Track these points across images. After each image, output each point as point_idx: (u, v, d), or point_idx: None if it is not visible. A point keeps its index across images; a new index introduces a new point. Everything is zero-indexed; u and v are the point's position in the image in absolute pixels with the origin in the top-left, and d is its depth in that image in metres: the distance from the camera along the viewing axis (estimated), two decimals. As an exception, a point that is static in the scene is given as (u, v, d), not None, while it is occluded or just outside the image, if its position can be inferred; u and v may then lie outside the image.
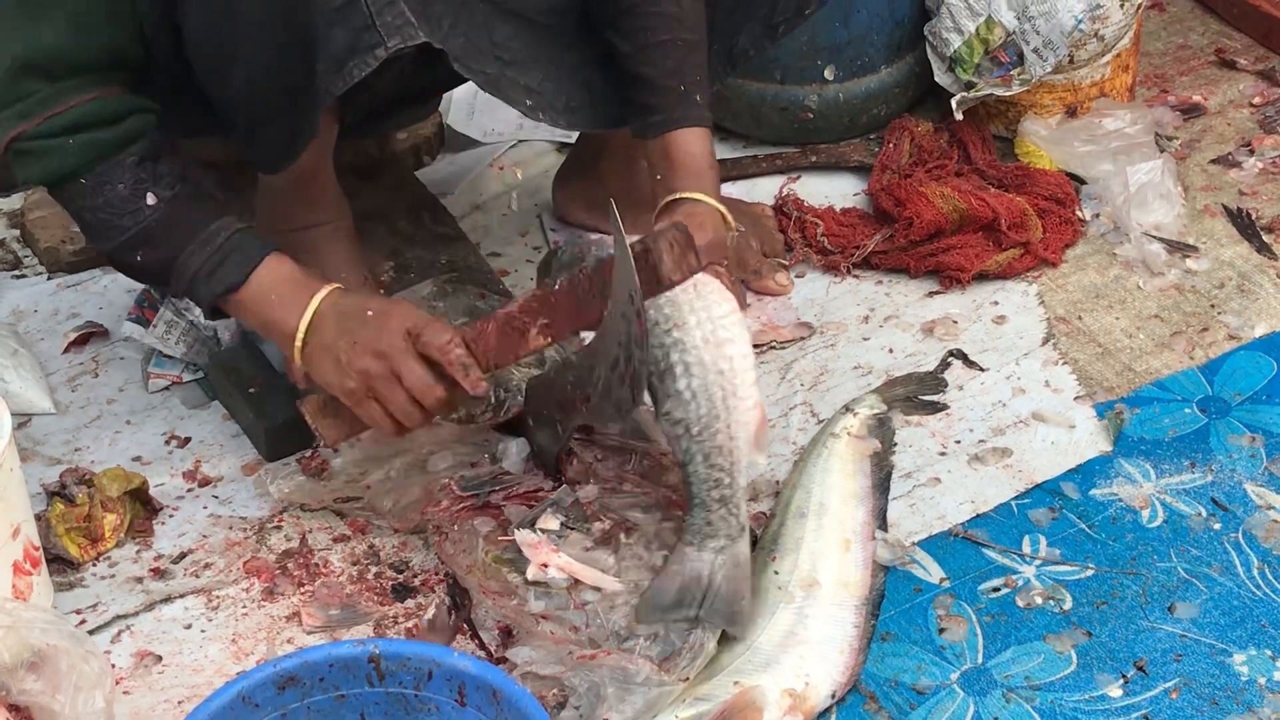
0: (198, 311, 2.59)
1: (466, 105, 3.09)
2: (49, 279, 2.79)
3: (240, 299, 2.18)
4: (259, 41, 2.10)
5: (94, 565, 2.28)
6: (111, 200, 2.14)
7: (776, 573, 2.16)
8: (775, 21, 2.53)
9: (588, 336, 2.15)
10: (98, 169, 2.13)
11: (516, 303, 2.11)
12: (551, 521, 2.13)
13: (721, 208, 2.30)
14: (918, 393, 2.51)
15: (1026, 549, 2.25)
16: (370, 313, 2.13)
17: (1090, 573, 2.21)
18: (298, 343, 2.15)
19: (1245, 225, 2.82)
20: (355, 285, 2.49)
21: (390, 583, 2.23)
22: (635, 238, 1.99)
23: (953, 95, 2.93)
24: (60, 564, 2.26)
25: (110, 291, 2.74)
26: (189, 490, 2.39)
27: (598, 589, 2.05)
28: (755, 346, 2.58)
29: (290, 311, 2.16)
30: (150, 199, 2.15)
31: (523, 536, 2.09)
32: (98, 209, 2.15)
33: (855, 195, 2.92)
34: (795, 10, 2.53)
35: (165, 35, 2.16)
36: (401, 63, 2.13)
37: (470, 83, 2.33)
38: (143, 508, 2.34)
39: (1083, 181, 2.89)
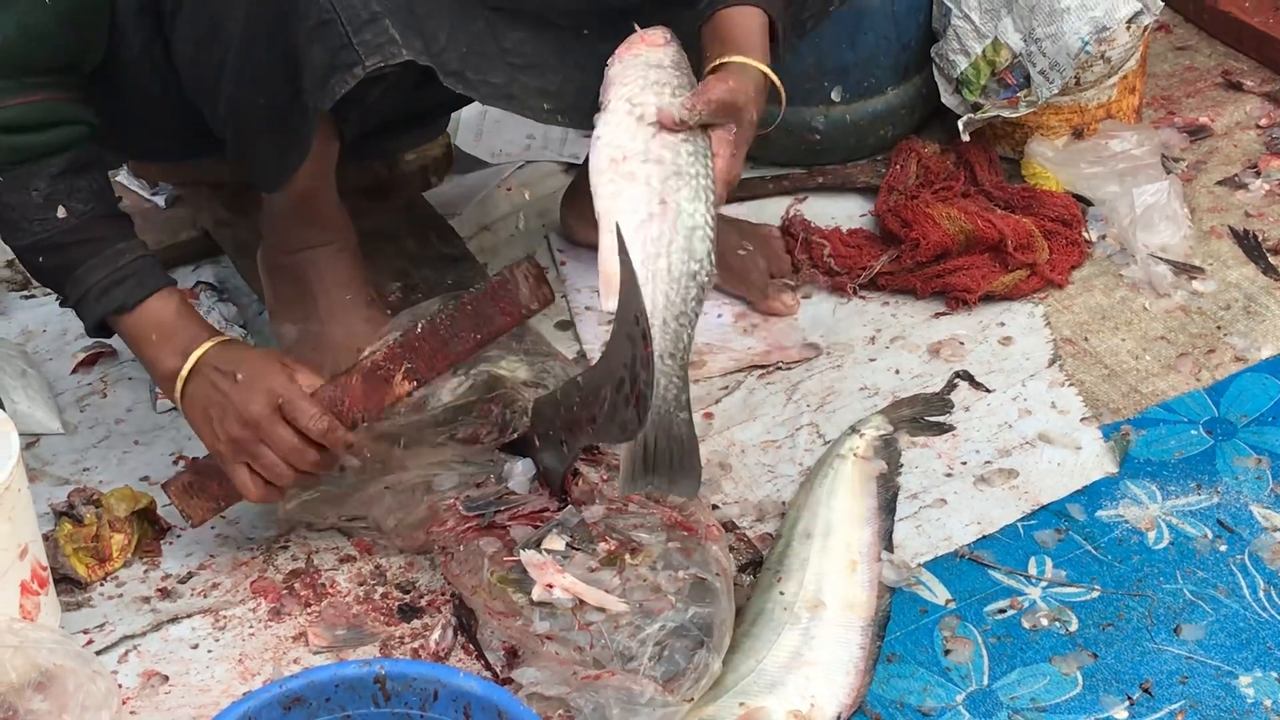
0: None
1: (475, 126, 3.10)
2: (57, 299, 2.79)
3: (125, 324, 2.20)
4: (245, 59, 2.11)
5: (101, 585, 2.28)
6: (25, 203, 2.14)
7: (782, 593, 2.16)
8: (803, 17, 2.50)
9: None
10: (16, 171, 2.13)
11: (380, 351, 2.18)
12: (557, 542, 2.13)
13: (764, 68, 2.19)
14: (924, 414, 2.51)
15: (1032, 570, 2.25)
16: (240, 376, 2.15)
17: (1096, 594, 2.21)
18: (177, 390, 2.18)
19: (1252, 247, 2.82)
20: (359, 306, 2.49)
21: (397, 603, 2.24)
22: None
23: (959, 117, 2.93)
24: (68, 584, 2.26)
25: (119, 312, 2.74)
26: (196, 510, 2.40)
27: (602, 610, 2.04)
28: (761, 367, 2.61)
29: (168, 354, 2.19)
30: (61, 212, 2.15)
31: (528, 557, 2.09)
32: (10, 206, 2.15)
33: (862, 216, 2.93)
34: (822, 6, 2.49)
35: (157, 53, 2.16)
36: (393, 80, 2.12)
37: (478, 103, 2.32)
38: (150, 528, 2.34)
39: (1089, 203, 2.89)
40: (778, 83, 2.21)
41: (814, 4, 2.48)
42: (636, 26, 2.22)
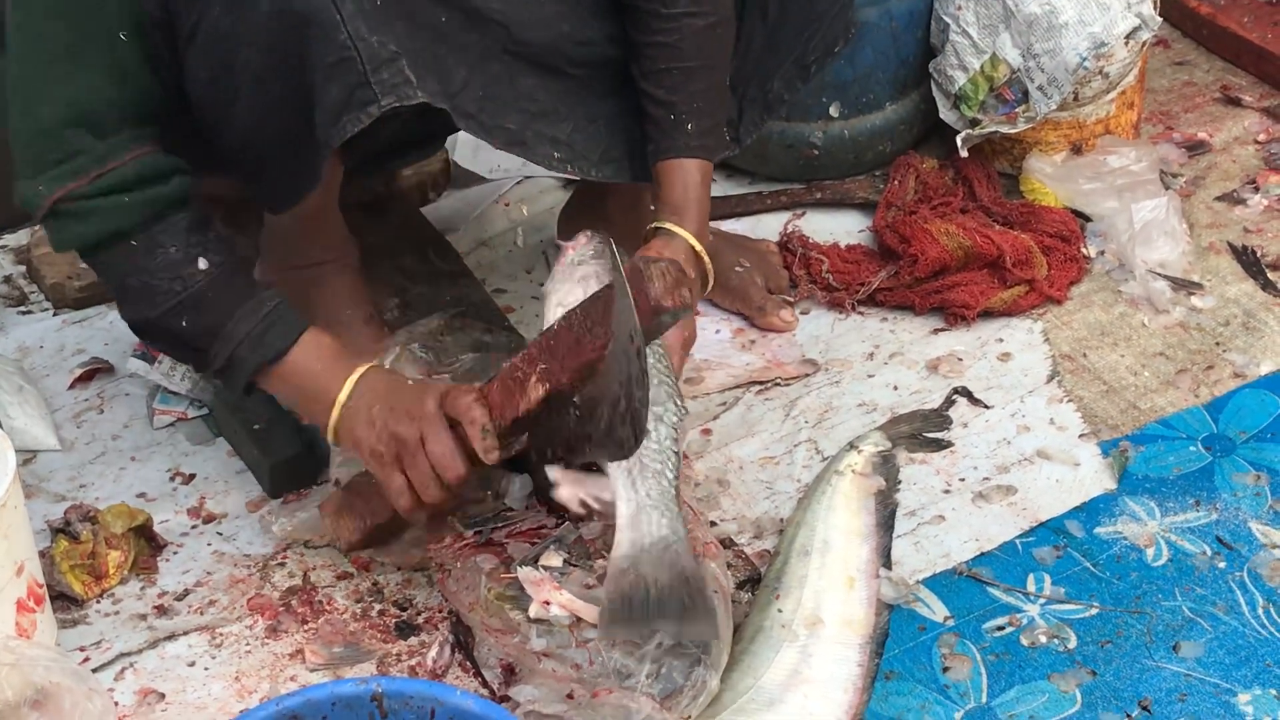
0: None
1: (473, 142, 3.10)
2: (55, 315, 2.80)
3: (283, 367, 2.17)
4: (259, 93, 2.10)
5: (98, 602, 2.28)
6: (162, 263, 2.12)
7: (780, 611, 2.16)
8: (807, 61, 2.53)
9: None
10: (152, 229, 2.12)
11: (520, 355, 2.11)
12: (554, 558, 2.12)
13: (689, 238, 2.27)
14: (922, 430, 2.51)
15: (1031, 587, 2.25)
16: (410, 383, 2.15)
17: (1095, 611, 2.21)
18: (336, 410, 2.14)
19: (1250, 262, 2.82)
20: (358, 322, 2.49)
21: (394, 620, 2.23)
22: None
23: (958, 132, 2.93)
24: (64, 601, 2.26)
25: (116, 327, 2.74)
26: (193, 527, 2.39)
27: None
28: (760, 383, 2.61)
29: (332, 380, 2.15)
30: (202, 264, 2.13)
31: (525, 574, 2.09)
32: (145, 272, 2.12)
33: (860, 232, 2.93)
34: (825, 48, 2.53)
35: (166, 74, 2.16)
36: (405, 113, 2.13)
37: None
38: (147, 544, 2.34)
39: (1088, 219, 2.89)
40: (697, 247, 2.28)
41: (817, 49, 2.51)
42: (560, 244, 2.30)
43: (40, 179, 2.09)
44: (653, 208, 2.33)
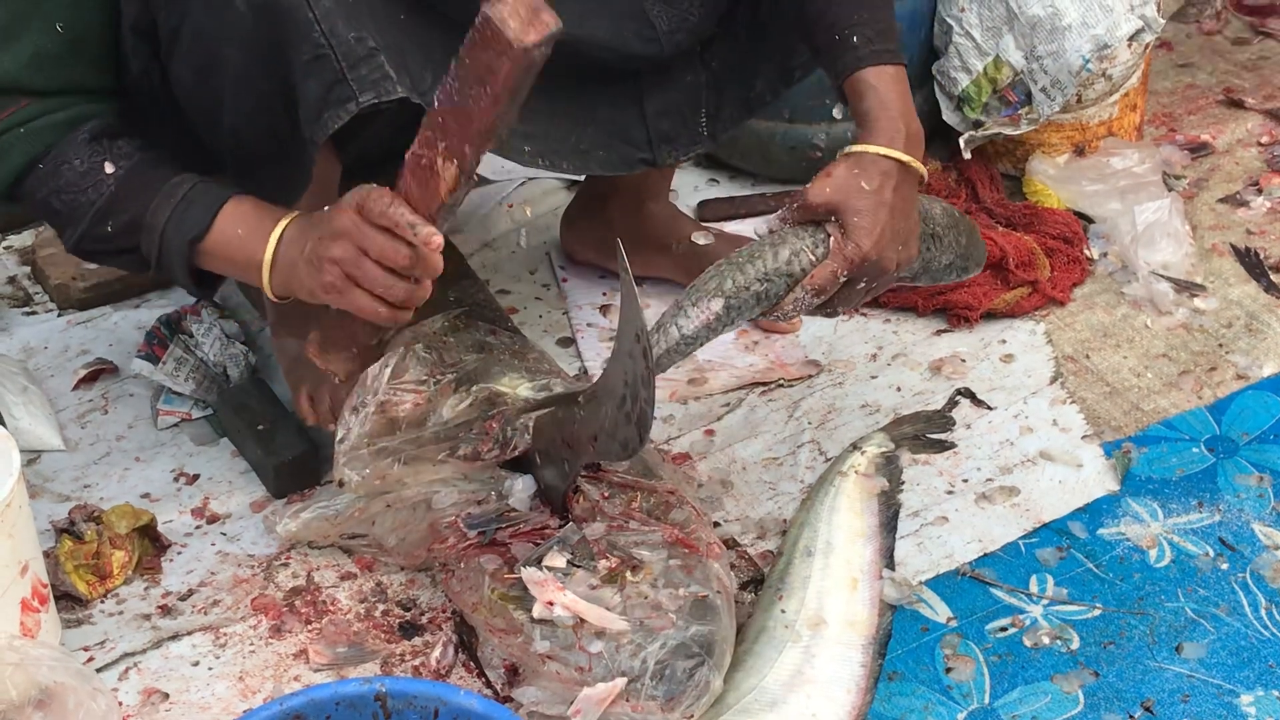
0: (208, 348, 2.60)
1: (476, 143, 3.10)
2: (59, 315, 2.80)
3: (209, 244, 2.14)
4: (242, 91, 2.11)
5: (102, 602, 2.28)
6: (71, 179, 2.13)
7: (783, 611, 2.16)
8: (792, 65, 2.51)
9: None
10: (53, 151, 2.12)
11: (415, 142, 2.01)
12: (558, 559, 2.12)
13: (880, 150, 2.14)
14: (925, 431, 2.51)
15: (1034, 588, 2.25)
16: (324, 210, 2.08)
17: (1098, 612, 2.21)
18: (266, 269, 2.12)
19: (1253, 264, 2.82)
20: (363, 323, 2.49)
21: (398, 620, 2.23)
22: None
23: (961, 134, 2.94)
24: (68, 601, 2.26)
25: (120, 328, 2.75)
26: (197, 527, 2.40)
27: (602, 633, 2.04)
28: (763, 384, 2.61)
29: (258, 241, 2.13)
30: (108, 167, 2.13)
31: (529, 574, 2.09)
32: (61, 191, 2.13)
33: (863, 233, 2.92)
34: (811, 56, 2.52)
35: (154, 77, 2.16)
36: (395, 110, 2.12)
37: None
38: (151, 544, 2.34)
39: (1091, 220, 2.89)
40: (901, 157, 2.15)
41: (803, 54, 2.47)
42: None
43: None
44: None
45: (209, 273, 2.20)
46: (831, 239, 2.14)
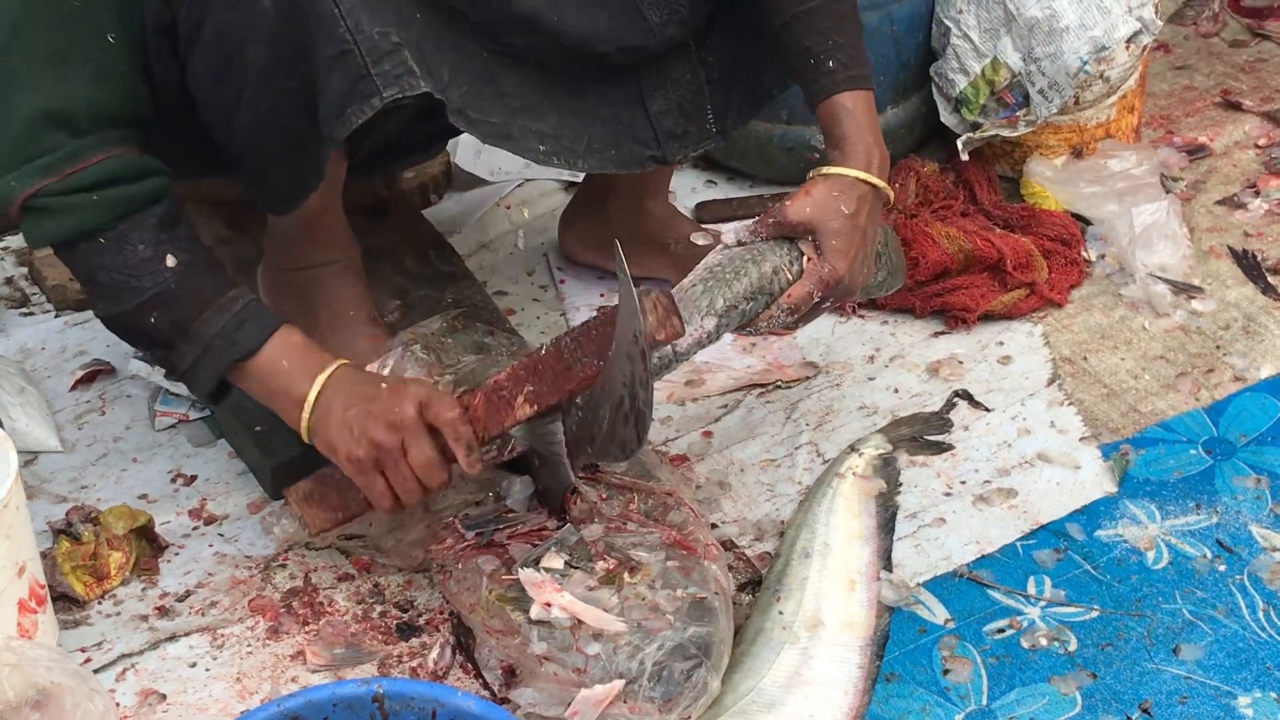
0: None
1: (474, 144, 3.11)
2: (56, 316, 2.80)
3: (253, 365, 2.14)
4: (263, 89, 2.11)
5: (99, 603, 2.28)
6: (131, 260, 2.10)
7: (781, 613, 2.16)
8: (765, 80, 2.51)
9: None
10: (120, 227, 2.09)
11: (504, 370, 2.13)
12: (555, 560, 2.12)
13: (849, 172, 2.20)
14: (923, 433, 2.51)
15: (1031, 590, 2.25)
16: (384, 385, 2.12)
17: (1095, 614, 2.21)
18: (306, 410, 2.13)
19: (1251, 266, 2.82)
20: (360, 324, 2.49)
21: (395, 621, 2.23)
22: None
23: (958, 136, 2.94)
24: (66, 602, 2.26)
25: (118, 329, 2.74)
26: (195, 528, 2.40)
27: (600, 631, 2.04)
28: (761, 386, 2.61)
29: (301, 378, 2.14)
30: (170, 260, 2.11)
31: (527, 575, 2.09)
32: (115, 269, 2.10)
33: (861, 235, 2.92)
34: (780, 77, 2.49)
35: (170, 76, 2.16)
36: (411, 108, 2.13)
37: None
38: (148, 545, 2.34)
39: (1088, 222, 2.89)
40: (870, 178, 2.21)
41: (774, 73, 2.46)
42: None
43: (13, 175, 2.07)
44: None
45: (225, 387, 2.20)
46: (806, 258, 2.19)
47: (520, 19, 2.22)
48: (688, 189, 3.06)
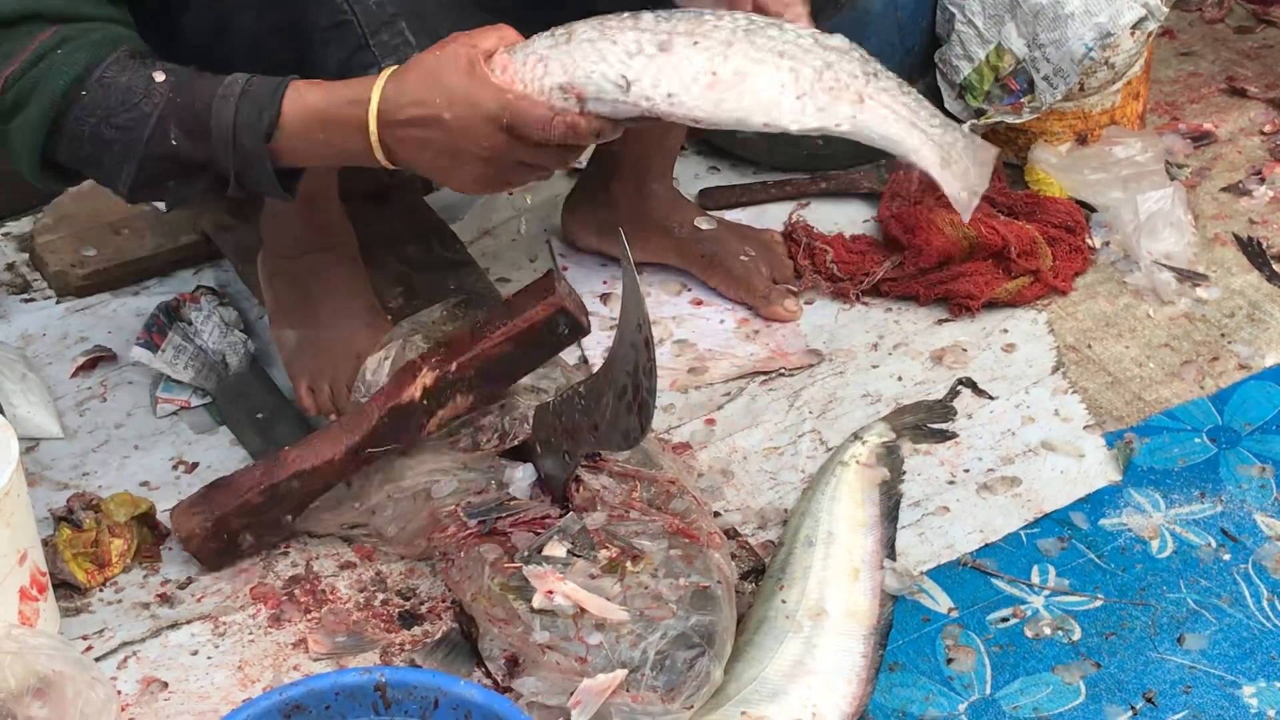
0: (207, 336, 2.59)
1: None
2: (58, 303, 2.80)
3: (288, 126, 1.96)
4: (255, 58, 2.03)
5: (101, 591, 2.27)
6: (120, 95, 1.94)
7: (784, 601, 2.15)
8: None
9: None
10: (95, 72, 1.94)
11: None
12: (558, 548, 2.12)
13: None
14: (927, 421, 2.50)
15: (1035, 579, 2.25)
16: (447, 116, 1.91)
17: (1099, 603, 2.21)
18: (373, 134, 1.94)
19: (1256, 254, 2.81)
20: (359, 311, 2.49)
21: (397, 610, 2.23)
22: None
23: (963, 122, 2.93)
24: (67, 589, 2.26)
25: (119, 315, 2.74)
26: (196, 515, 2.39)
27: (603, 620, 2.04)
28: (764, 374, 2.60)
29: (353, 101, 1.94)
30: (159, 75, 1.96)
31: (531, 571, 2.08)
32: (112, 113, 1.95)
33: (865, 222, 2.92)
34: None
35: (159, 42, 2.13)
36: None
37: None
38: (150, 533, 2.33)
39: (1093, 209, 2.89)
40: None
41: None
42: None
43: None
44: None
45: (291, 172, 2.03)
46: None
47: None
48: (691, 175, 3.05)
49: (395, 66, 1.97)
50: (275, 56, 2.07)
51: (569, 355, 2.60)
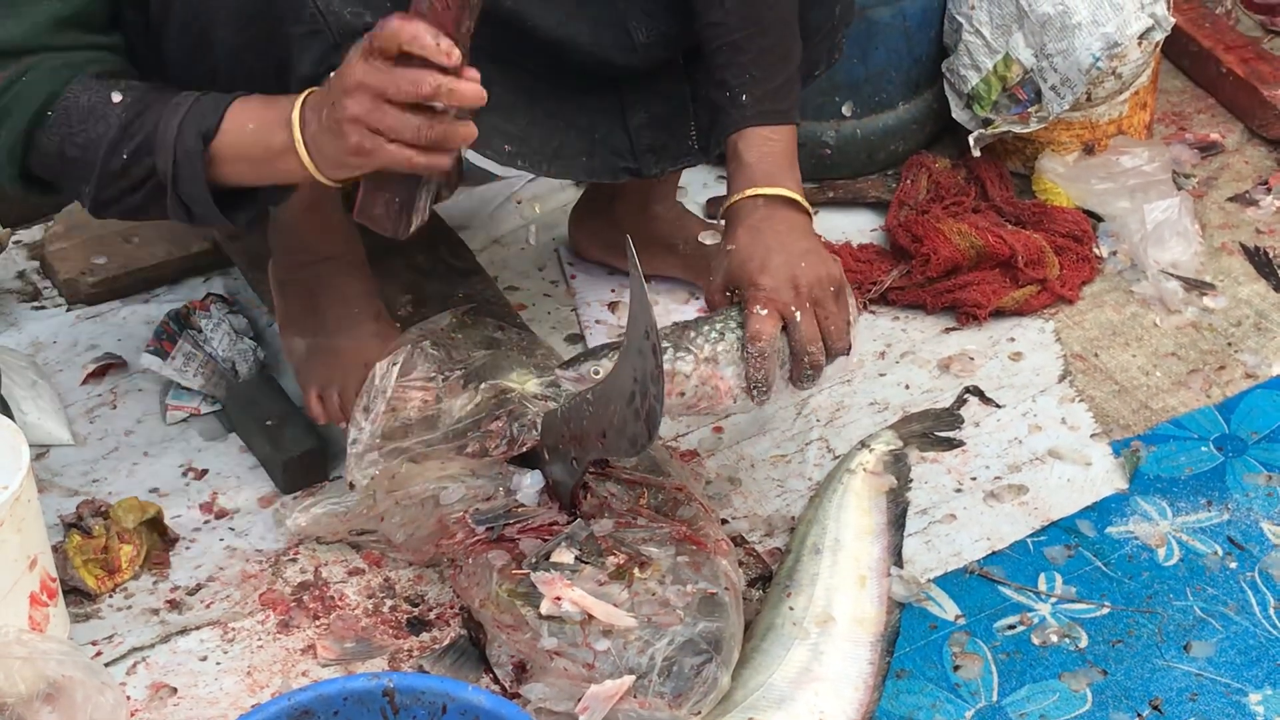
0: (216, 343, 2.60)
1: (485, 139, 3.10)
2: (68, 310, 2.80)
3: (223, 145, 1.98)
4: (236, 68, 2.06)
5: (110, 597, 2.28)
6: (79, 116, 2.00)
7: (792, 608, 2.16)
8: (815, 58, 2.46)
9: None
10: (63, 93, 2.00)
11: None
12: (566, 555, 2.12)
13: (749, 192, 2.17)
14: (934, 429, 2.51)
15: (1042, 586, 2.25)
16: (333, 74, 1.92)
17: (1106, 611, 2.21)
18: (299, 145, 1.96)
19: (1262, 263, 2.82)
20: (367, 319, 2.49)
21: (405, 616, 2.24)
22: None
23: (970, 132, 2.93)
24: (77, 595, 2.26)
25: (129, 323, 2.75)
26: (205, 522, 2.40)
27: (611, 626, 2.04)
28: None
29: (276, 126, 1.97)
30: (116, 96, 2.00)
31: (539, 578, 2.09)
32: (73, 133, 2.00)
33: (872, 231, 2.93)
34: (808, 69, 2.39)
35: (148, 54, 2.14)
36: None
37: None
38: (159, 539, 2.34)
39: (1100, 219, 2.89)
40: (777, 191, 2.17)
41: (801, 67, 2.42)
42: None
43: None
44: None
45: (239, 198, 2.05)
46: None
47: (501, 17, 2.18)
48: (699, 184, 3.06)
49: (313, 90, 1.98)
50: (254, 69, 2.08)
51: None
